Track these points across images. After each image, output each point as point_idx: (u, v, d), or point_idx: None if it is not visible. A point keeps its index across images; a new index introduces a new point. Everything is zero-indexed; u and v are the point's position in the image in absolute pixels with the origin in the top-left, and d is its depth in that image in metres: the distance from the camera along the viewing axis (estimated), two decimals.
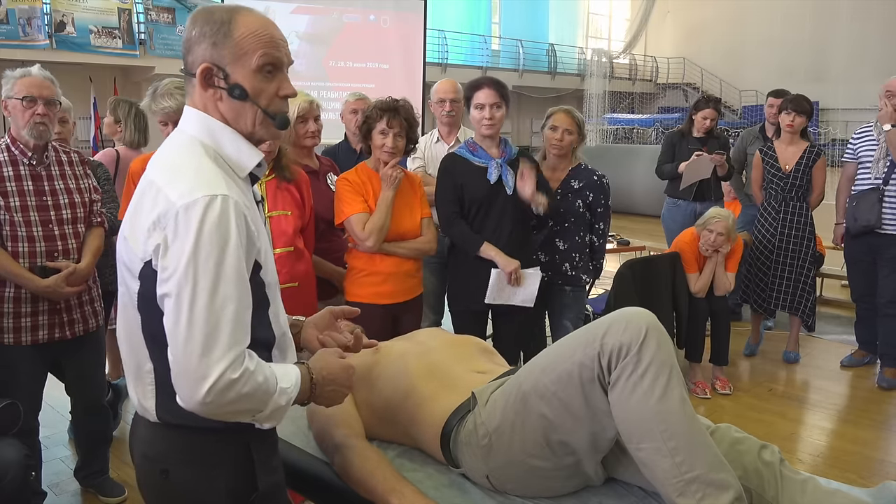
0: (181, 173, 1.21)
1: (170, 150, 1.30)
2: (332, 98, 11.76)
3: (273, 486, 1.37)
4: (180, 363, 1.15)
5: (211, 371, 1.12)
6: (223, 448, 1.30)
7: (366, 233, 2.60)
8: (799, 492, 1.56)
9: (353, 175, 2.72)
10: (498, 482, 1.67)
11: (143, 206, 1.22)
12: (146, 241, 1.18)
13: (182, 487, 1.30)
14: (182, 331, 1.13)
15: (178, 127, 1.32)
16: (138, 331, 1.26)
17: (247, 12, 1.28)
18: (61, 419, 3.37)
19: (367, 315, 2.65)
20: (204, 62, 1.26)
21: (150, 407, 1.28)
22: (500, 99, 2.84)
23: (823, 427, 3.63)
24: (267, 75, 1.28)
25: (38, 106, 2.36)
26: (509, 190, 2.84)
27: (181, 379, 1.15)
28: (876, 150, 4.09)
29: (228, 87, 1.26)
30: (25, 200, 2.39)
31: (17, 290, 2.39)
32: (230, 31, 1.25)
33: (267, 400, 1.21)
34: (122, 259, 1.27)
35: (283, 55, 1.30)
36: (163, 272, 1.16)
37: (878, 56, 19.02)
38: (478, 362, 1.98)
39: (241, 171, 1.30)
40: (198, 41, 1.26)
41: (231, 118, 1.29)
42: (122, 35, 11.87)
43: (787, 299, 4.37)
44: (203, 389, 1.13)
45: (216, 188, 1.18)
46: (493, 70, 18.05)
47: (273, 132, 1.32)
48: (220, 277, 1.15)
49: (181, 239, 1.14)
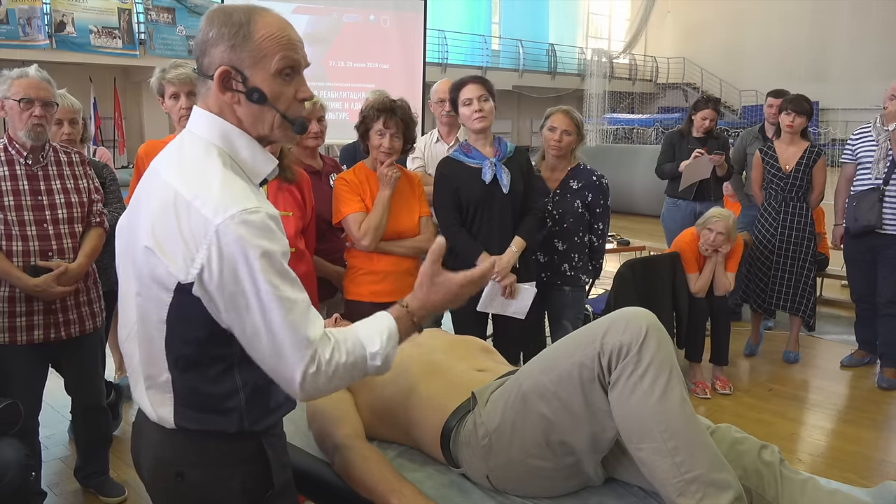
0: (208, 186, 1.17)
1: (186, 154, 1.25)
2: (333, 98, 11.76)
3: (286, 482, 1.38)
4: (270, 370, 1.19)
5: (294, 375, 1.16)
6: (237, 448, 1.30)
7: (362, 232, 2.62)
8: (799, 492, 1.56)
9: (351, 175, 2.73)
10: (498, 482, 1.67)
11: (169, 217, 1.18)
12: (187, 263, 1.15)
13: (197, 489, 1.29)
14: (265, 346, 1.16)
15: (188, 128, 1.29)
16: (160, 342, 1.24)
17: (265, 13, 1.25)
18: (61, 419, 3.37)
19: (367, 313, 2.67)
20: (222, 65, 1.22)
21: (165, 415, 1.27)
22: (486, 91, 2.83)
23: (823, 427, 3.63)
24: (286, 78, 1.25)
25: (36, 108, 2.36)
26: (505, 189, 2.83)
27: (278, 380, 1.20)
28: (875, 150, 4.09)
29: (247, 90, 1.23)
30: (20, 200, 2.39)
31: (12, 289, 2.39)
32: (249, 32, 1.22)
33: (363, 368, 1.25)
34: (143, 268, 1.22)
35: (300, 57, 1.27)
36: (221, 296, 1.15)
37: (877, 56, 19.04)
38: (478, 362, 1.98)
39: (256, 178, 1.28)
40: (215, 43, 1.23)
41: (248, 122, 1.26)
42: (122, 35, 11.88)
43: (787, 299, 4.37)
44: (296, 389, 1.17)
45: (248, 202, 1.16)
46: (493, 70, 18.06)
47: (291, 136, 1.30)
48: (281, 285, 1.15)
49: (231, 259, 1.13)
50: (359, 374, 1.25)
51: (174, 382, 1.25)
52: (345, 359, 1.21)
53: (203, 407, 1.25)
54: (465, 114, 2.86)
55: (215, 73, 1.23)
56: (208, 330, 1.19)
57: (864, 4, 19.74)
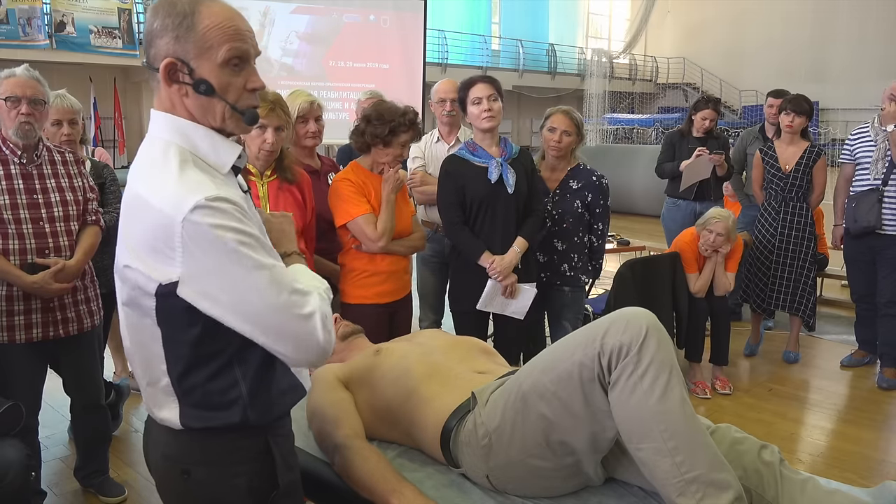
0: (165, 182, 1.17)
1: (146, 157, 1.25)
2: (332, 98, 11.78)
3: (291, 483, 1.38)
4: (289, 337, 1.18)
5: (313, 326, 1.18)
6: (244, 446, 1.30)
7: (379, 233, 2.61)
8: (799, 492, 1.56)
9: (352, 175, 2.70)
10: (498, 482, 1.67)
11: (133, 220, 1.19)
12: (156, 265, 1.15)
13: (203, 487, 1.29)
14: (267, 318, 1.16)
15: (148, 132, 1.28)
16: (157, 346, 1.24)
17: (211, 2, 1.22)
18: (61, 419, 3.37)
19: (369, 315, 2.69)
20: (167, 57, 1.20)
21: (170, 417, 1.27)
22: (496, 91, 2.85)
23: (823, 427, 3.63)
24: (234, 69, 1.23)
25: (23, 105, 2.36)
26: (510, 189, 2.84)
27: (301, 353, 1.19)
28: (874, 150, 4.09)
29: (193, 82, 1.21)
30: (15, 198, 2.39)
31: (10, 288, 2.39)
32: (194, 23, 1.19)
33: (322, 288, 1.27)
34: (129, 283, 1.22)
35: (250, 47, 1.25)
36: (197, 290, 1.15)
37: (877, 56, 19.04)
38: (479, 362, 1.98)
39: (221, 169, 1.26)
40: (160, 34, 1.21)
41: (198, 114, 1.25)
42: (122, 35, 11.88)
43: (787, 299, 4.37)
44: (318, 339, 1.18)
45: (206, 190, 1.15)
46: (493, 70, 18.06)
47: (243, 127, 1.28)
48: (259, 257, 1.16)
49: (199, 253, 1.13)
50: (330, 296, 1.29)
51: (175, 385, 1.25)
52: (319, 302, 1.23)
53: (206, 405, 1.25)
54: (473, 113, 2.86)
55: (161, 65, 1.21)
56: (200, 327, 1.19)
57: (864, 4, 19.73)
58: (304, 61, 12.31)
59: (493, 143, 2.90)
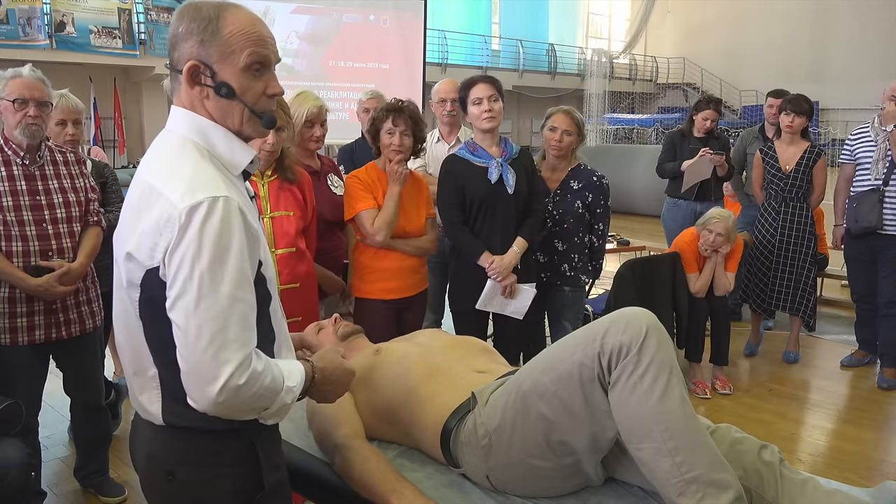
0: (179, 175, 1.20)
1: (162, 151, 1.28)
2: (332, 98, 11.78)
3: (277, 483, 1.38)
4: (191, 365, 1.15)
5: (221, 372, 1.14)
6: (228, 447, 1.30)
7: (375, 227, 2.67)
8: (799, 492, 1.56)
9: (364, 174, 2.79)
10: (498, 482, 1.67)
11: (141, 209, 1.21)
12: (152, 247, 1.17)
13: (188, 488, 1.29)
14: (192, 332, 1.14)
15: (166, 127, 1.31)
16: (140, 338, 1.26)
17: (235, 9, 1.26)
18: (61, 419, 3.38)
19: (373, 310, 2.74)
20: (191, 60, 1.24)
21: (154, 411, 1.28)
22: (496, 91, 2.86)
23: (823, 427, 3.63)
24: (255, 74, 1.26)
25: (30, 108, 2.36)
26: (510, 189, 2.84)
27: (192, 380, 1.16)
28: (875, 151, 4.09)
29: (215, 85, 1.25)
30: (18, 200, 2.38)
31: (13, 290, 2.39)
32: (218, 28, 1.23)
33: (274, 398, 1.22)
34: (123, 273, 1.25)
35: (270, 53, 1.29)
36: (169, 276, 1.16)
37: (878, 56, 19.04)
38: (479, 362, 1.98)
39: (234, 170, 1.30)
40: (184, 38, 1.25)
41: (218, 116, 1.28)
42: (122, 35, 11.87)
43: (787, 300, 4.37)
44: (215, 390, 1.14)
45: (217, 190, 1.17)
46: (493, 70, 18.05)
47: (260, 130, 1.31)
48: (226, 279, 1.15)
49: (186, 242, 1.14)
50: (264, 404, 1.21)
51: (160, 378, 1.26)
52: (269, 381, 1.20)
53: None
54: (474, 113, 2.86)
55: (184, 67, 1.24)
56: None
57: (864, 4, 19.73)
58: (304, 61, 12.31)
59: (493, 144, 2.90)
